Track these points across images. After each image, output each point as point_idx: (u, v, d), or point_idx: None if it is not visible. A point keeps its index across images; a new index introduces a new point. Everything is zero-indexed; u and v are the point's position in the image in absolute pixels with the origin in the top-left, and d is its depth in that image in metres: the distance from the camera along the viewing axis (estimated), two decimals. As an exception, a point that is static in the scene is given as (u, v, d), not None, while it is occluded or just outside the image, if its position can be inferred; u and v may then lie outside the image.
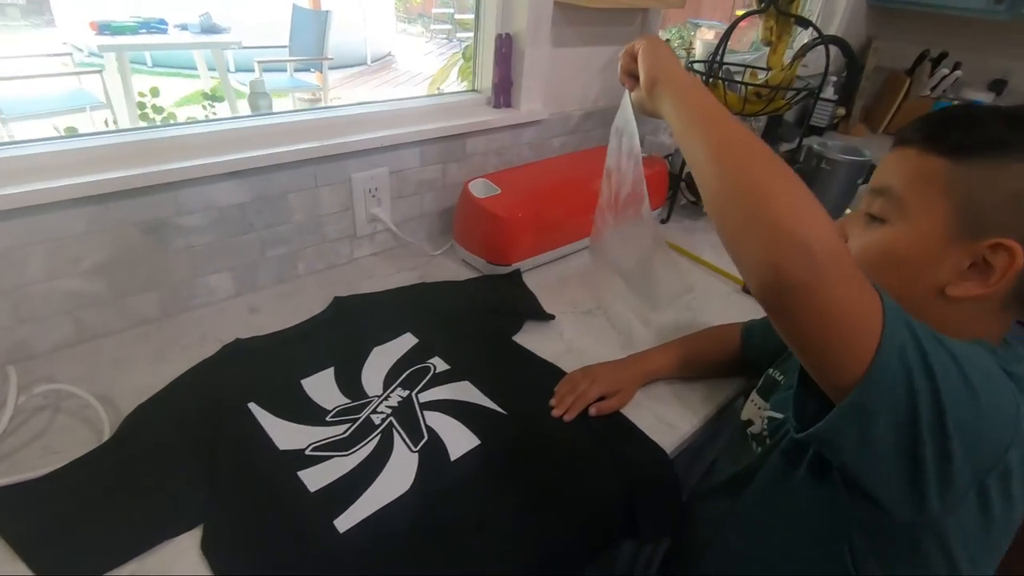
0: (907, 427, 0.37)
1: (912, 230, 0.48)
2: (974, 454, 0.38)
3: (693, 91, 0.51)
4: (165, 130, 0.82)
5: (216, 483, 0.59)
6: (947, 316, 0.46)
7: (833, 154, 1.21)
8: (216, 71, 3.50)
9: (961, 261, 0.46)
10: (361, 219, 1.00)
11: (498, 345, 0.84)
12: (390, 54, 6.76)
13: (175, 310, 0.85)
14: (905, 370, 0.37)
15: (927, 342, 0.38)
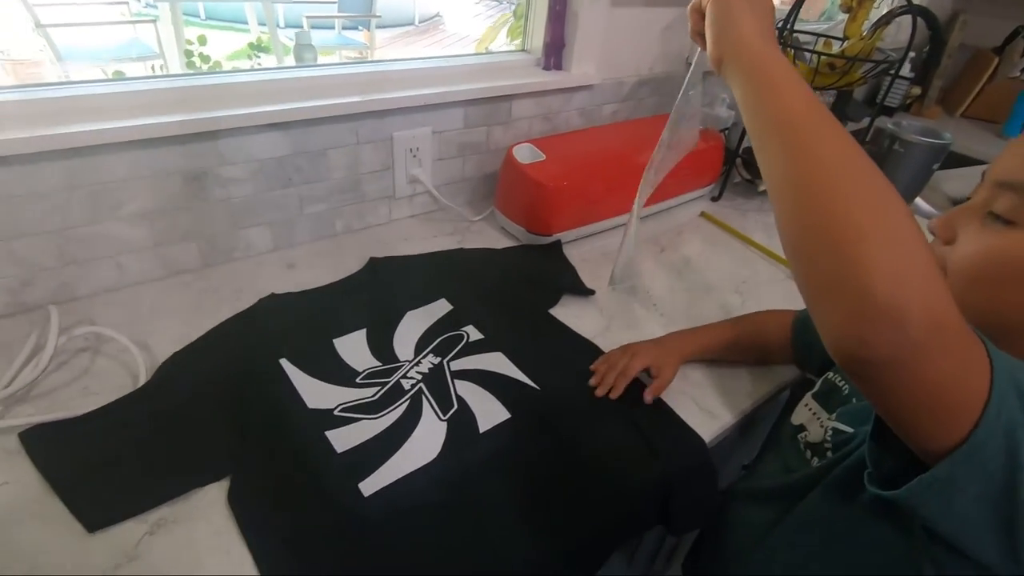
0: (1004, 502, 0.33)
1: None
2: None
3: (770, 82, 0.39)
4: (209, 77, 0.81)
5: (246, 437, 0.58)
6: None
7: (908, 135, 1.11)
8: (266, 25, 3.50)
9: None
10: (401, 180, 0.97)
11: (534, 318, 0.81)
12: (438, 15, 6.63)
13: (214, 261, 0.85)
14: (1009, 446, 0.31)
15: None
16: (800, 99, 0.37)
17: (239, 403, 0.62)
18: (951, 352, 0.31)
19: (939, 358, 0.31)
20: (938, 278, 0.31)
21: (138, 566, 0.48)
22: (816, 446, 0.56)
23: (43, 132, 0.64)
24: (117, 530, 0.51)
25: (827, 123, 0.35)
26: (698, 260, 1.01)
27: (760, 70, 0.40)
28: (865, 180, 0.33)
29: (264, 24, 3.54)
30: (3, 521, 0.50)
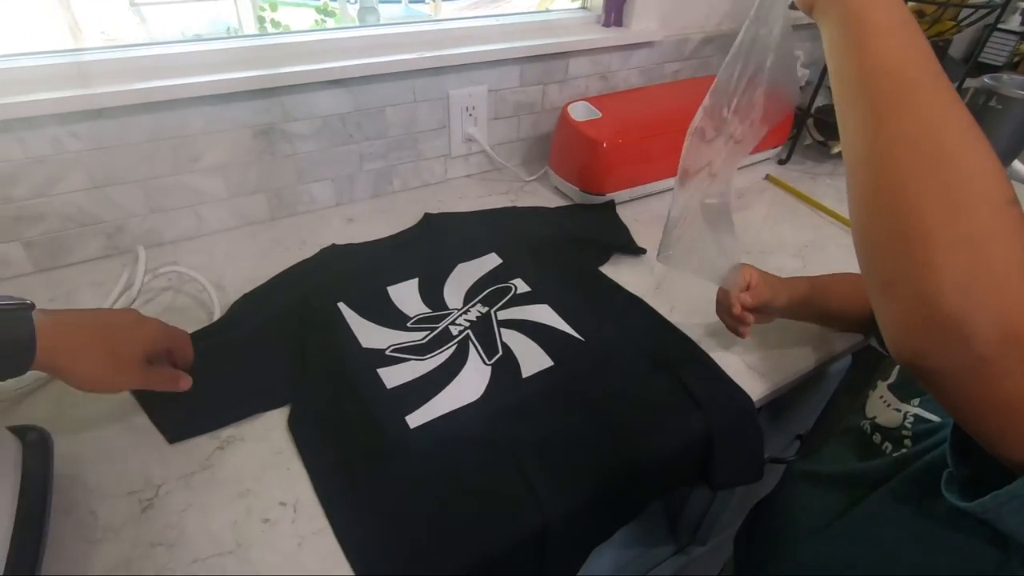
0: None
1: None
2: None
3: (873, 28, 0.32)
4: (276, 37, 0.85)
5: (305, 369, 0.63)
6: None
7: (1008, 90, 1.00)
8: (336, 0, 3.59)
9: None
10: (456, 139, 0.99)
11: (583, 273, 0.81)
12: (504, -16, 6.56)
13: (281, 214, 0.91)
14: None
15: None
16: (908, 57, 0.31)
17: (300, 339, 0.66)
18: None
19: (1011, 377, 0.27)
20: (1019, 285, 0.27)
21: (211, 474, 0.54)
22: (890, 432, 0.51)
23: (129, 87, 0.70)
24: (192, 444, 0.56)
25: (927, 87, 0.30)
26: (759, 224, 0.98)
27: (863, 12, 0.33)
28: (953, 164, 0.28)
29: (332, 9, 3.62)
30: (99, 426, 0.57)
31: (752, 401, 0.64)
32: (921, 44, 0.32)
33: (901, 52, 0.31)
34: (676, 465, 0.61)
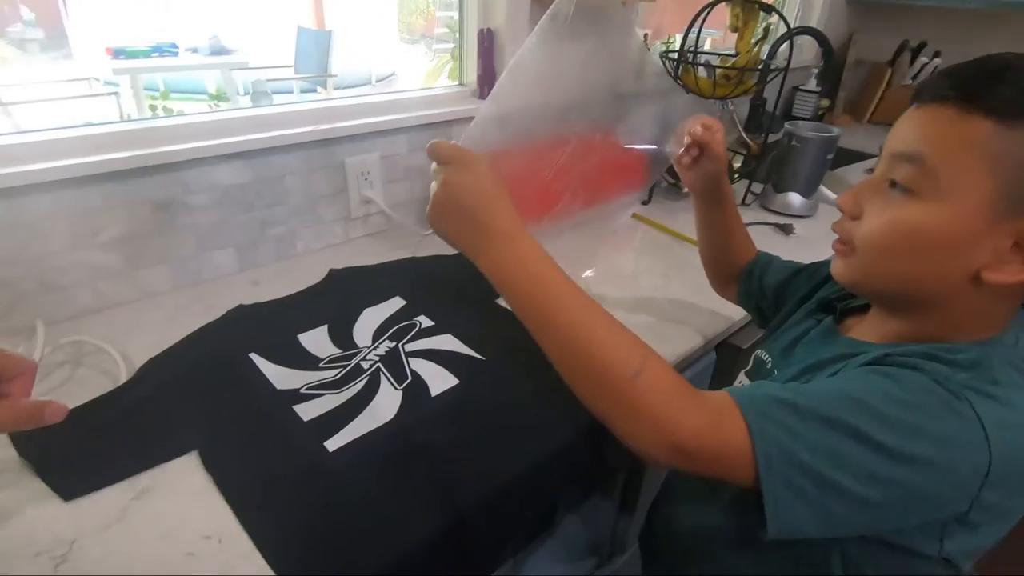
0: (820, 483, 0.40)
1: (949, 208, 0.42)
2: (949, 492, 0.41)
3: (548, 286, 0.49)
4: (173, 119, 0.91)
5: (217, 414, 0.65)
6: (973, 303, 0.44)
7: (804, 132, 1.27)
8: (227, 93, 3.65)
9: (1003, 242, 0.41)
10: (355, 201, 1.08)
11: (480, 305, 0.90)
12: (394, 74, 6.94)
13: (184, 283, 0.93)
14: (793, 457, 0.40)
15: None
16: (587, 327, 0.46)
17: (210, 390, 0.69)
18: (702, 450, 0.41)
19: (694, 460, 0.42)
20: (669, 419, 0.42)
21: (127, 524, 0.54)
22: None
23: (24, 168, 0.73)
24: (101, 497, 0.57)
25: (559, 319, 0.46)
26: (629, 252, 1.13)
27: (511, 275, 0.50)
28: (589, 364, 0.45)
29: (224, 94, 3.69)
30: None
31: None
32: (572, 296, 0.47)
33: (531, 302, 0.49)
34: (574, 453, 0.69)
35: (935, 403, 0.40)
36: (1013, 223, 0.41)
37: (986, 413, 0.39)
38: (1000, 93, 0.40)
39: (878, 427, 0.39)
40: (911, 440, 0.39)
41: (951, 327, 0.46)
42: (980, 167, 0.40)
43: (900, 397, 0.41)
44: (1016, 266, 0.41)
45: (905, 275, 0.46)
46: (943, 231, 0.42)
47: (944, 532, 0.43)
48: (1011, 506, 0.43)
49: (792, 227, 1.24)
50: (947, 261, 0.43)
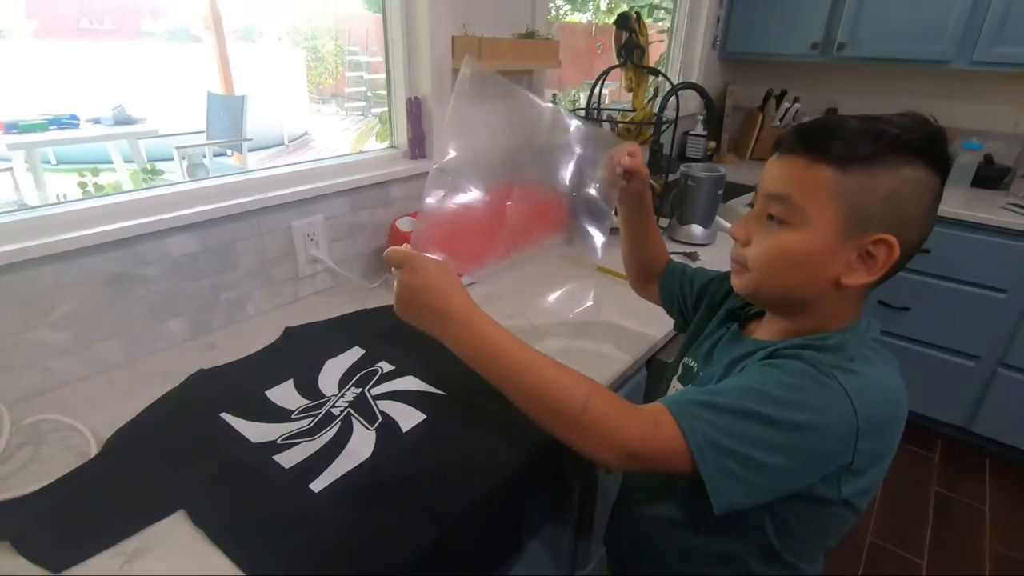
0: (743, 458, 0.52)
1: (812, 233, 0.55)
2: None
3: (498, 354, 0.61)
4: (122, 195, 0.93)
5: (200, 471, 0.68)
6: (836, 301, 0.58)
7: (697, 172, 1.47)
8: (133, 162, 3.54)
9: (851, 255, 0.55)
10: (302, 261, 1.13)
11: (434, 346, 0.97)
12: (307, 133, 6.96)
13: (138, 355, 0.94)
14: (717, 443, 0.52)
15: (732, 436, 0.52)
16: (540, 380, 0.58)
17: (187, 450, 0.72)
18: (647, 451, 0.54)
19: (644, 461, 0.54)
20: (618, 434, 0.54)
21: (124, 585, 0.56)
22: None
23: (-22, 254, 0.74)
24: (91, 566, 0.58)
25: (514, 369, 0.59)
26: (560, 286, 1.25)
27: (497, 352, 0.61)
28: (546, 404, 0.57)
29: (131, 161, 3.57)
30: (-15, 580, 0.56)
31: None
32: (521, 358, 0.60)
33: (529, 369, 0.59)
34: (536, 464, 0.77)
35: (811, 382, 0.53)
36: (856, 241, 0.55)
37: (848, 383, 0.53)
38: (834, 147, 0.54)
39: (773, 408, 0.52)
40: (799, 413, 0.52)
41: (823, 321, 0.61)
42: (829, 202, 0.54)
43: (786, 382, 0.54)
44: (862, 272, 0.56)
45: (787, 286, 0.60)
46: (810, 250, 0.57)
47: (840, 480, 0.56)
48: (882, 449, 0.57)
49: (697, 254, 1.42)
50: (815, 272, 0.57)
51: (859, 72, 2.38)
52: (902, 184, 0.53)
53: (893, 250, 0.54)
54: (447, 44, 1.27)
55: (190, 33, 7.29)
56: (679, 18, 2.34)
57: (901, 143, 0.53)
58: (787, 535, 0.61)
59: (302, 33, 8.67)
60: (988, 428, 2.01)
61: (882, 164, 0.53)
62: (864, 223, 0.54)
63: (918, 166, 0.53)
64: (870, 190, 0.53)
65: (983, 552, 1.67)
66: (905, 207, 0.54)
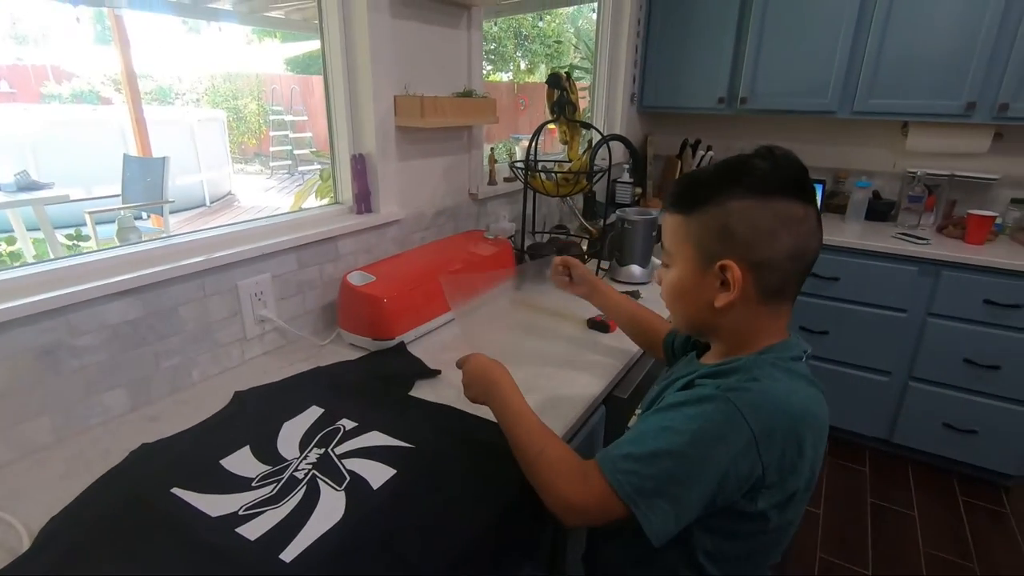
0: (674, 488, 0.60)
1: (681, 271, 0.69)
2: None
3: (499, 414, 0.77)
4: (54, 262, 0.88)
5: (153, 554, 0.63)
6: (725, 320, 0.67)
7: (632, 217, 1.56)
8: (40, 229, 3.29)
9: (713, 282, 0.65)
10: (250, 321, 1.09)
11: (396, 400, 0.96)
12: (230, 193, 6.76)
13: (69, 433, 0.86)
14: (639, 485, 0.60)
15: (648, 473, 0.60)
16: (521, 430, 0.73)
17: (136, 533, 0.66)
18: (583, 504, 0.63)
19: (582, 513, 0.64)
20: (559, 487, 0.65)
21: None
22: None
23: None
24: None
25: (531, 441, 0.71)
26: (514, 329, 1.27)
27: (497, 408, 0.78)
28: (541, 464, 0.68)
29: (37, 229, 3.32)
30: None
31: (549, 448, 0.85)
32: (515, 413, 0.75)
33: (523, 430, 0.73)
34: (512, 512, 0.76)
35: (711, 408, 0.60)
36: (711, 270, 0.65)
37: (741, 401, 0.59)
38: (681, 199, 0.68)
39: (682, 442, 0.59)
40: (705, 441, 0.59)
41: (735, 342, 0.69)
42: (684, 243, 0.68)
43: (690, 413, 0.61)
44: (723, 295, 0.65)
45: (683, 314, 0.72)
46: (681, 283, 0.69)
47: (757, 495, 0.61)
48: (790, 460, 0.61)
49: (639, 292, 1.50)
50: (693, 300, 0.69)
51: (762, 122, 2.64)
52: (730, 215, 0.63)
53: (735, 271, 0.63)
54: (390, 103, 1.31)
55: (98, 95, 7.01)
56: (599, 77, 2.53)
57: (722, 182, 0.64)
58: (716, 552, 0.66)
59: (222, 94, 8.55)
60: (906, 438, 2.18)
61: (712, 203, 0.64)
62: (710, 254, 0.65)
63: (742, 196, 0.63)
64: (706, 227, 0.65)
65: (918, 555, 1.79)
66: (739, 233, 0.63)
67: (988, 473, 2.11)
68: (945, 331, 2.00)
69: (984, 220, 2.01)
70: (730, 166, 0.65)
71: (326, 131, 1.34)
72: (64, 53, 6.75)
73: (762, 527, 0.63)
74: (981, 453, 2.06)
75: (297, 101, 8.24)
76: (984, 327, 1.94)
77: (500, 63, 8.12)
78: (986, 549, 1.81)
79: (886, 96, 2.14)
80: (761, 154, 0.64)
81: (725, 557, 0.66)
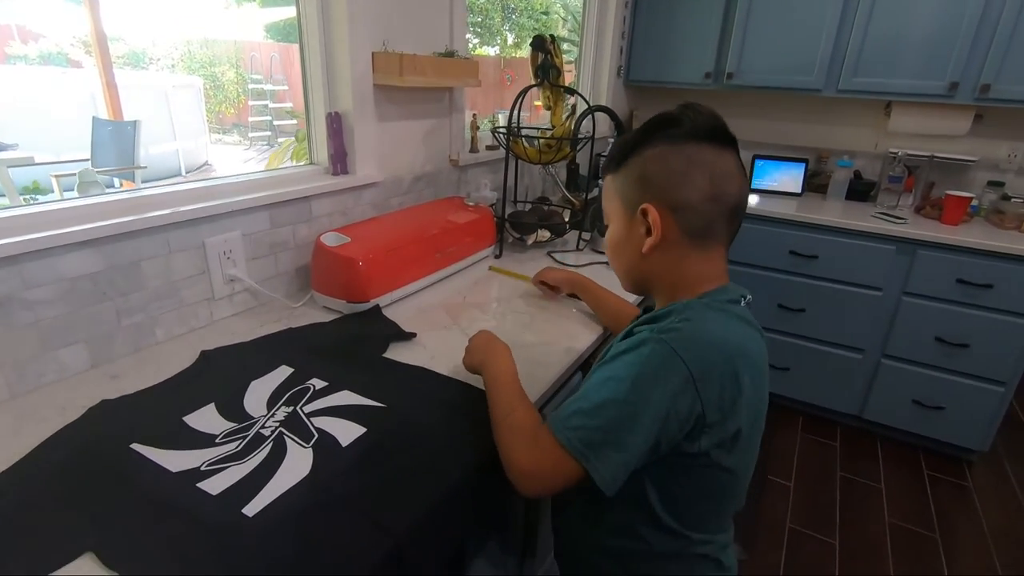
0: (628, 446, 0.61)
1: (614, 225, 0.73)
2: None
3: (490, 379, 0.78)
4: (8, 211, 0.83)
5: (109, 508, 0.61)
6: (657, 267, 0.70)
7: (614, 187, 1.55)
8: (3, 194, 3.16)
9: (639, 230, 0.69)
10: (218, 281, 1.05)
11: (369, 361, 0.94)
12: (207, 163, 6.58)
13: (22, 389, 0.83)
14: (590, 441, 0.61)
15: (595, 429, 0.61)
16: (498, 394, 0.75)
17: (91, 487, 0.63)
18: (542, 469, 0.63)
19: (539, 480, 0.64)
20: (515, 451, 0.66)
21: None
22: None
23: None
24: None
25: (503, 404, 0.73)
26: (492, 297, 1.26)
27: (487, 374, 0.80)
28: (503, 427, 0.70)
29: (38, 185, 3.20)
30: None
31: (524, 410, 0.83)
32: (500, 383, 0.76)
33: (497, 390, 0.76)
34: (482, 473, 0.75)
35: (647, 350, 0.61)
36: (635, 217, 0.69)
37: (674, 341, 0.61)
38: (610, 160, 0.72)
39: (625, 388, 0.60)
40: (644, 384, 0.60)
41: (673, 291, 0.71)
42: (614, 197, 0.72)
43: (629, 360, 0.62)
44: (650, 239, 0.68)
45: (622, 268, 0.76)
46: (616, 236, 0.74)
47: (700, 434, 0.62)
48: (730, 396, 0.62)
49: (619, 263, 1.49)
50: (627, 252, 0.72)
51: (748, 98, 2.63)
52: (647, 163, 0.67)
53: (653, 213, 0.67)
54: (367, 60, 1.27)
55: (67, 58, 6.72)
56: (586, 49, 2.49)
57: (642, 136, 0.68)
58: (668, 499, 0.67)
59: (199, 60, 8.25)
60: (877, 414, 2.22)
61: (632, 154, 0.69)
62: (632, 203, 0.69)
63: (657, 143, 0.67)
64: (628, 179, 0.69)
65: (883, 525, 1.83)
66: (655, 177, 0.67)
67: (953, 448, 2.17)
68: (918, 309, 2.03)
69: (961, 201, 2.03)
70: (650, 121, 0.69)
71: (302, 89, 1.29)
72: (30, 12, 6.44)
73: (708, 468, 0.64)
74: (947, 429, 2.11)
75: (277, 70, 7.99)
76: (956, 306, 1.97)
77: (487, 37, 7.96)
78: (949, 521, 1.87)
79: (871, 75, 2.13)
80: (679, 108, 0.68)
81: (676, 502, 0.67)
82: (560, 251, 1.59)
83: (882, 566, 1.68)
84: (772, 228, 2.19)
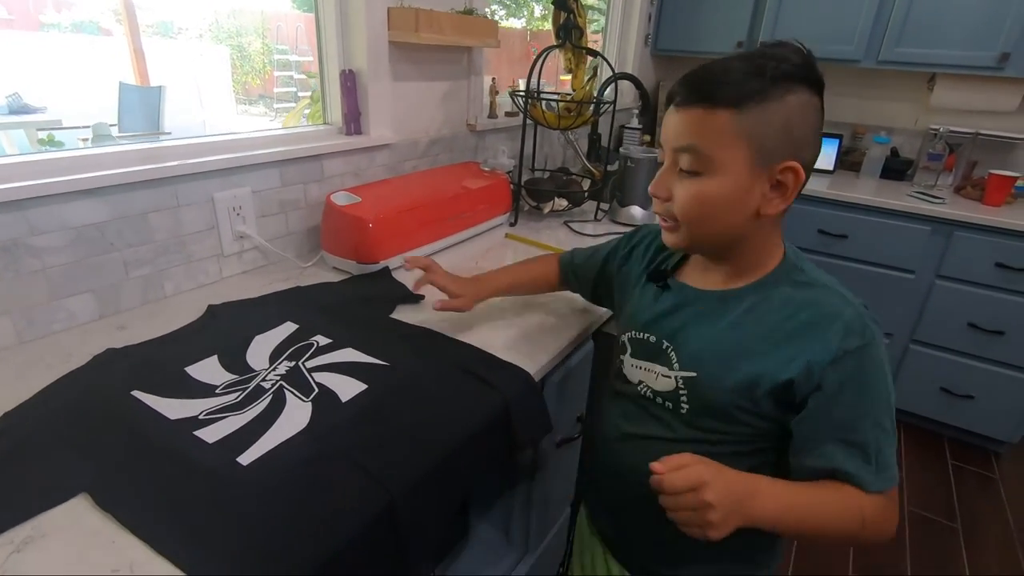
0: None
1: (728, 177, 0.57)
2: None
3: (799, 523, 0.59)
4: (14, 157, 0.83)
5: (106, 451, 0.60)
6: (762, 233, 0.61)
7: (635, 154, 1.49)
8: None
9: (764, 187, 0.58)
10: (227, 237, 1.04)
11: (375, 320, 0.92)
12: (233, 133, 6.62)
13: (31, 336, 0.83)
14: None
15: None
16: (820, 520, 0.59)
17: (90, 430, 0.63)
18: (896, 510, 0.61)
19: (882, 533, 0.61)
20: (885, 535, 0.60)
21: (10, 577, 0.48)
22: (668, 394, 0.67)
23: None
24: (-26, 559, 0.50)
25: (837, 524, 0.59)
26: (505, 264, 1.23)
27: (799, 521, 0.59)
28: (870, 531, 0.59)
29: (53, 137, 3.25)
30: None
31: (530, 374, 0.81)
32: (806, 517, 0.59)
33: (812, 522, 0.59)
34: (486, 435, 0.73)
35: (876, 351, 0.60)
36: (767, 171, 0.57)
37: (870, 318, 0.60)
38: (727, 92, 0.55)
39: (890, 392, 0.62)
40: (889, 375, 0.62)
41: (756, 255, 0.64)
42: (734, 142, 0.56)
43: (881, 368, 0.60)
44: (778, 200, 0.59)
45: (717, 231, 0.62)
46: (729, 193, 0.58)
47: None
48: None
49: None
50: (738, 211, 0.59)
51: (779, 71, 2.51)
52: (791, 111, 0.56)
53: (799, 174, 0.57)
54: (383, 15, 1.23)
55: (99, 26, 6.78)
56: (613, 15, 2.40)
57: (782, 73, 0.55)
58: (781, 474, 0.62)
59: (226, 30, 8.26)
60: (901, 401, 2.15)
61: (771, 97, 0.55)
62: (769, 155, 0.56)
63: (800, 91, 0.56)
64: (766, 123, 0.55)
65: (903, 512, 1.78)
66: (799, 131, 0.57)
67: (981, 439, 2.09)
68: (952, 294, 1.94)
69: (1006, 180, 1.92)
70: (777, 55, 0.56)
71: (316, 45, 1.26)
72: (63, -21, 6.50)
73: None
74: (976, 418, 2.03)
75: (303, 40, 7.96)
76: (993, 291, 1.88)
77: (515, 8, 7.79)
78: (972, 512, 1.81)
79: (915, 45, 2.01)
80: (793, 49, 0.57)
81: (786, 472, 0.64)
82: (578, 220, 1.54)
83: (899, 554, 1.64)
84: (800, 205, 2.11)
